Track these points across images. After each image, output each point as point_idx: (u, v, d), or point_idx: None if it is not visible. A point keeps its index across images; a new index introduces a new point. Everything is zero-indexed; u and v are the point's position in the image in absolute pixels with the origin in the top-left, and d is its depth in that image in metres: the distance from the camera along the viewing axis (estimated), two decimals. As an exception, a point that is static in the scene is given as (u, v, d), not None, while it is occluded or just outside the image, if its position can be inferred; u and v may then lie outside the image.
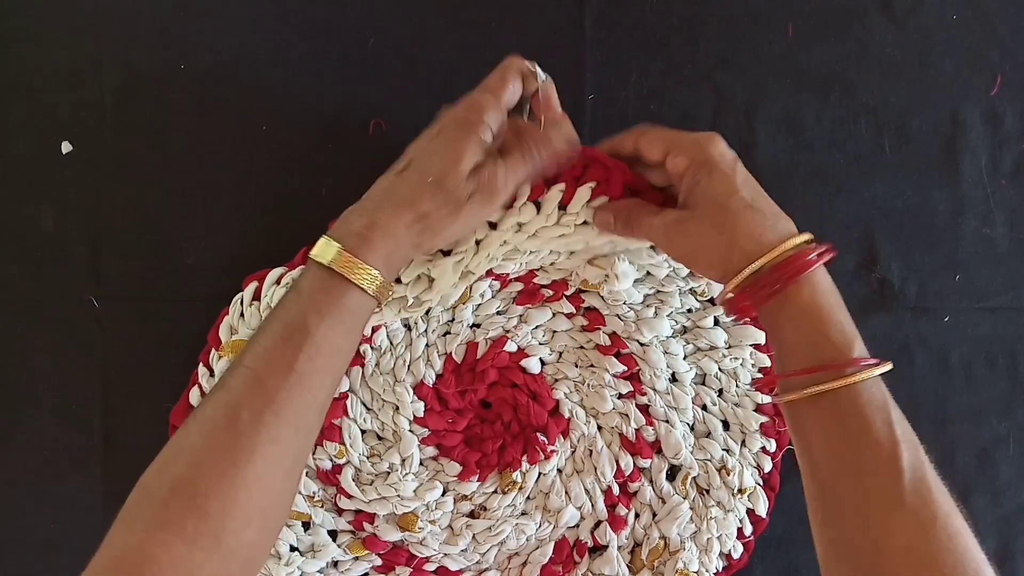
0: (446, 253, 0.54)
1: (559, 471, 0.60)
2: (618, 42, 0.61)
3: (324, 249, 0.47)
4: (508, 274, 0.57)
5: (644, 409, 0.59)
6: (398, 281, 0.54)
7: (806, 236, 0.47)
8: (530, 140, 0.50)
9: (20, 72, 0.61)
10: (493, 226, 0.54)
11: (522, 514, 0.59)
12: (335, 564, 0.59)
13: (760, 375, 0.59)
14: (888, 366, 0.44)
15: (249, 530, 0.44)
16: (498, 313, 0.58)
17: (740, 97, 0.61)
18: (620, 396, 0.59)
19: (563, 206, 0.53)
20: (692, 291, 0.58)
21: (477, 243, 0.54)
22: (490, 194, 0.49)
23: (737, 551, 0.59)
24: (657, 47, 0.61)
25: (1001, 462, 0.62)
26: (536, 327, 0.58)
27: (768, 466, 0.59)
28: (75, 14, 0.61)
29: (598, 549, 0.60)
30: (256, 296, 0.57)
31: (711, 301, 0.58)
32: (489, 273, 0.57)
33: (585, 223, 0.54)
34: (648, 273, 0.58)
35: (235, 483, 0.43)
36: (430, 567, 0.60)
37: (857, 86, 0.61)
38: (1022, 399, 0.62)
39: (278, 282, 0.57)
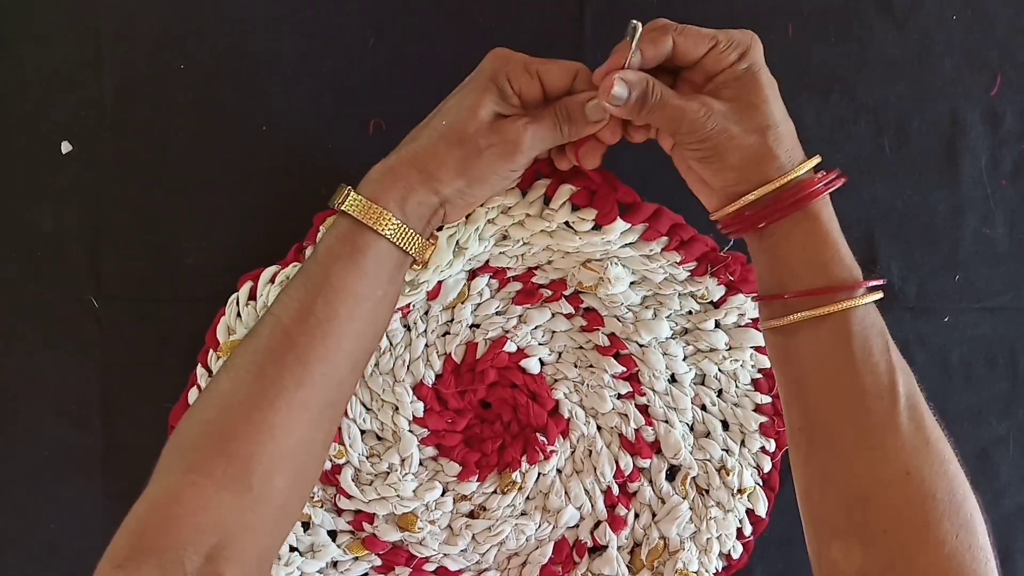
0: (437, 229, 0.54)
1: (559, 471, 0.60)
2: (618, 42, 0.61)
3: (339, 195, 0.47)
4: (506, 270, 0.57)
5: (643, 409, 0.59)
6: None
7: (818, 159, 0.46)
8: (563, 105, 0.48)
9: (20, 72, 0.61)
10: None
11: (522, 514, 0.59)
12: (335, 564, 0.59)
13: (760, 375, 0.59)
14: (880, 293, 0.44)
15: (279, 477, 0.44)
16: (497, 313, 0.58)
17: (740, 97, 0.61)
18: (619, 396, 0.59)
19: (547, 200, 0.54)
20: (691, 295, 0.58)
21: (466, 218, 0.54)
22: (512, 149, 0.47)
23: (737, 551, 0.59)
24: (657, 47, 0.61)
25: (1001, 462, 0.62)
26: (535, 327, 0.58)
27: (768, 466, 0.59)
28: (75, 14, 0.61)
29: (598, 549, 0.60)
30: (252, 296, 0.57)
31: (712, 304, 0.58)
32: (487, 268, 0.57)
33: (567, 225, 0.54)
34: (644, 278, 0.57)
35: (260, 427, 0.43)
36: (430, 567, 0.60)
37: (857, 86, 0.61)
38: (1022, 399, 0.62)
39: (272, 280, 0.57)
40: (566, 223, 0.54)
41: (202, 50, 0.61)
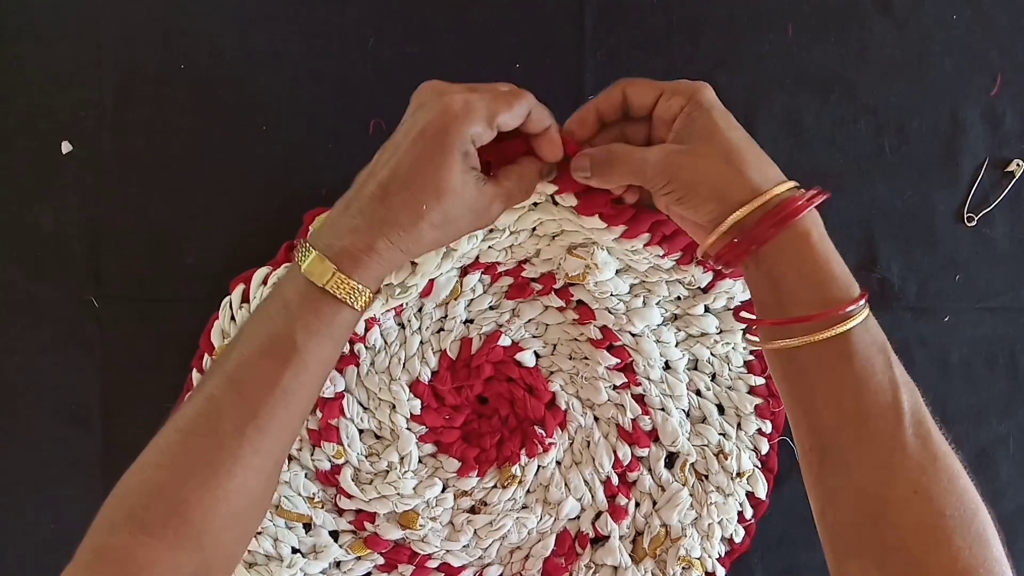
0: None
1: (558, 463, 0.60)
2: (618, 42, 0.61)
3: (318, 268, 0.45)
4: (496, 264, 0.57)
5: (639, 398, 0.59)
6: None
7: (794, 183, 0.46)
8: (530, 179, 0.50)
9: (20, 72, 0.61)
10: None
11: (523, 508, 0.59)
12: (337, 564, 0.59)
13: (752, 357, 0.59)
14: (866, 310, 0.44)
15: (229, 533, 0.44)
16: (490, 308, 0.59)
17: (740, 97, 0.61)
18: (615, 387, 0.59)
19: None
20: (679, 281, 0.58)
21: None
22: (485, 223, 0.49)
23: (739, 535, 0.60)
24: (657, 47, 0.61)
25: (1001, 462, 0.62)
26: (528, 321, 0.59)
27: (765, 448, 0.59)
28: (75, 14, 0.61)
29: (600, 540, 0.60)
30: (245, 298, 0.57)
31: (701, 289, 0.58)
32: (477, 264, 0.57)
33: (552, 199, 0.53)
34: (628, 266, 0.57)
35: (216, 494, 0.43)
36: (432, 564, 0.60)
37: (857, 86, 0.61)
38: (1022, 399, 0.62)
39: (264, 282, 0.57)
40: (551, 197, 0.53)
41: (202, 50, 0.61)
